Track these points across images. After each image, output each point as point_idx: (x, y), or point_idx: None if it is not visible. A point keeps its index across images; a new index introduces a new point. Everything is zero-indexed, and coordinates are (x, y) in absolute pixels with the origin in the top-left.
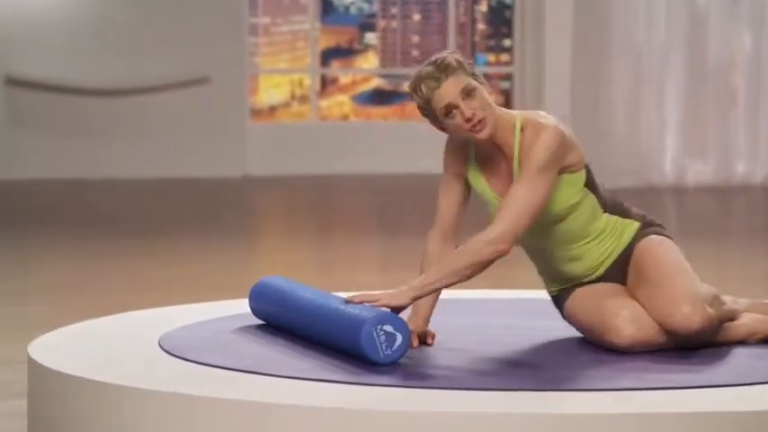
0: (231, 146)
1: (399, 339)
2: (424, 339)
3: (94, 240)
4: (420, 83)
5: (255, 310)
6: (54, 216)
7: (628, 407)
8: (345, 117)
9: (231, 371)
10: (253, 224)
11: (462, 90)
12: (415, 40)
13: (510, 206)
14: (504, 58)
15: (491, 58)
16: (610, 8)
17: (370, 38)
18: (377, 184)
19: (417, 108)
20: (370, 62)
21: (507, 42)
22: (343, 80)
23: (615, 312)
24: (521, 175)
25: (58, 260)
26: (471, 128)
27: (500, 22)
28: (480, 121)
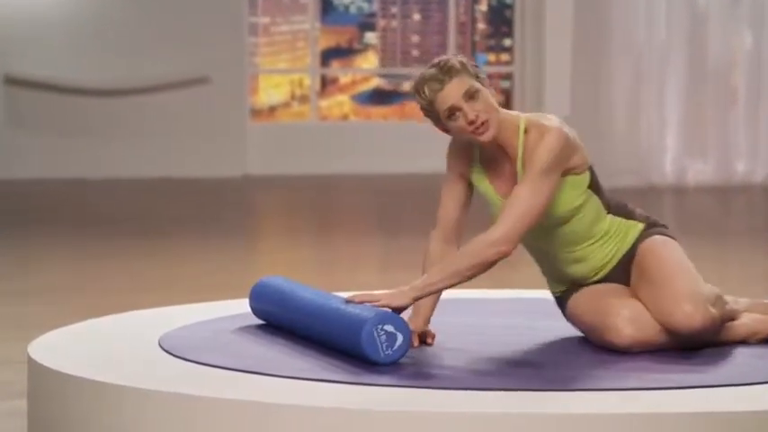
0: (231, 146)
1: (400, 339)
2: (424, 339)
3: (94, 240)
4: (423, 85)
5: (256, 310)
6: (54, 216)
7: (629, 407)
8: (345, 117)
9: (231, 371)
10: (253, 224)
11: (465, 92)
12: (415, 39)
13: (513, 208)
14: (505, 57)
15: (491, 57)
16: (610, 7)
17: (370, 37)
18: (377, 183)
19: (420, 110)
20: (369, 62)
21: (507, 42)
22: (343, 80)
23: (615, 312)
24: (524, 176)
25: (58, 260)
26: (474, 130)
27: (500, 21)
28: (483, 123)
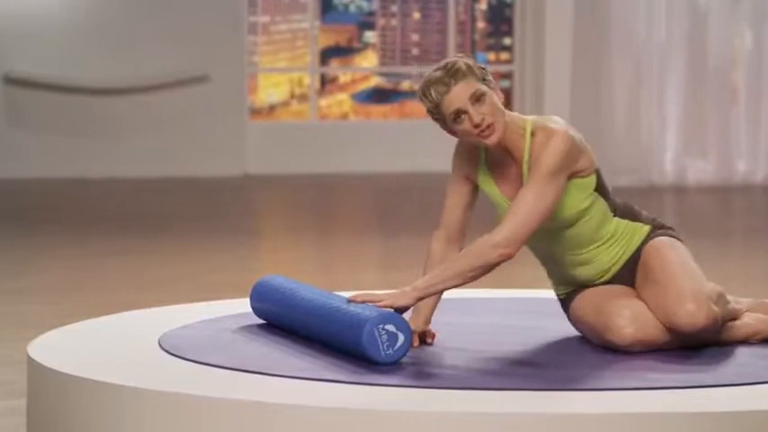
0: (231, 145)
1: (401, 339)
2: (424, 339)
3: (94, 239)
4: (429, 87)
5: (256, 310)
6: (54, 215)
7: (630, 407)
8: (345, 116)
9: (232, 370)
10: (253, 223)
11: (472, 95)
12: (415, 38)
13: (517, 210)
14: (505, 56)
15: (491, 56)
16: (610, 6)
17: (370, 36)
18: (377, 182)
19: (427, 112)
20: (369, 61)
21: (507, 41)
22: (343, 79)
23: (617, 312)
24: (530, 179)
25: (58, 259)
26: (480, 133)
27: (500, 20)
28: (489, 126)
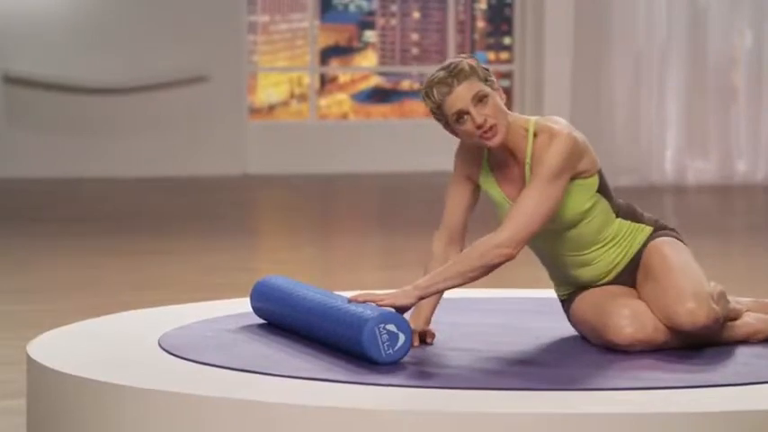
0: (230, 144)
1: (402, 339)
2: (423, 338)
3: (93, 239)
4: (432, 88)
5: (257, 310)
6: (53, 214)
7: (630, 406)
8: (345, 115)
9: (232, 370)
10: (252, 223)
11: (474, 96)
12: (415, 37)
13: (519, 211)
14: (504, 56)
15: (491, 56)
16: (610, 6)
17: (370, 36)
18: (377, 182)
19: (430, 112)
20: (369, 60)
21: (507, 40)
22: (343, 78)
23: (616, 312)
24: (532, 180)
25: (57, 259)
26: (482, 134)
27: (500, 19)
28: (491, 128)
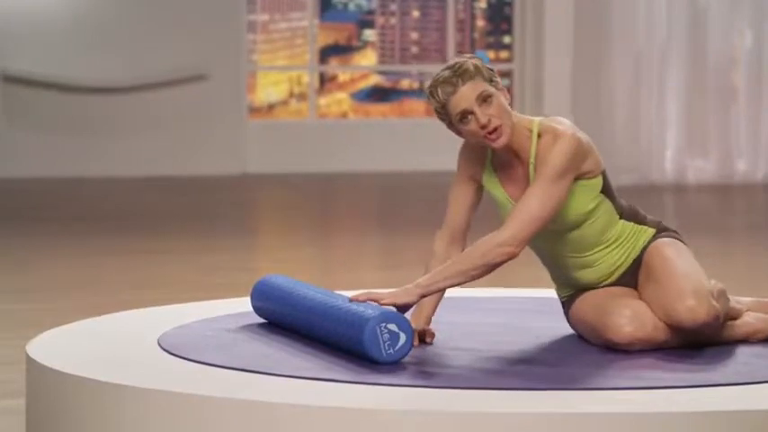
0: (230, 143)
1: (402, 339)
2: (423, 338)
3: (92, 239)
4: (437, 87)
5: (257, 309)
6: (53, 214)
7: (629, 406)
8: (344, 114)
9: (232, 370)
10: (253, 222)
11: (479, 96)
12: (414, 36)
13: (522, 210)
14: (504, 55)
15: (490, 55)
16: (610, 5)
17: (369, 35)
18: (376, 181)
19: (434, 112)
20: (368, 59)
21: (507, 39)
22: (342, 77)
23: (616, 311)
24: (536, 179)
25: (57, 259)
26: (487, 135)
27: (500, 18)
28: (496, 129)
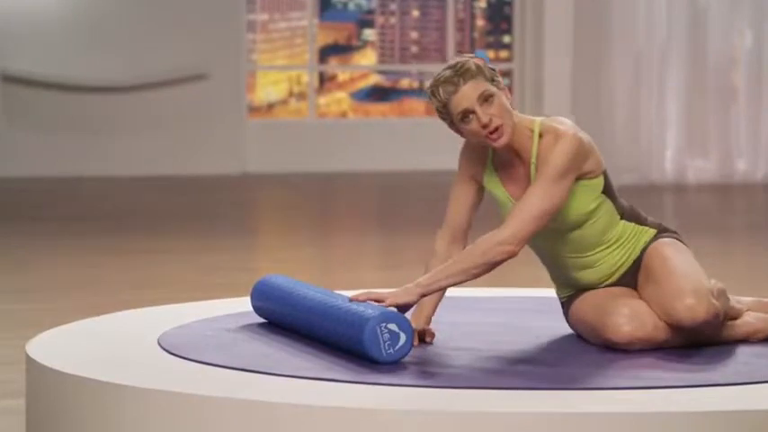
0: (229, 143)
1: (403, 339)
2: (423, 338)
3: (92, 238)
4: (438, 86)
5: (257, 309)
6: (52, 214)
7: (629, 406)
8: (344, 114)
9: (232, 370)
10: (252, 222)
11: (480, 96)
12: (414, 36)
13: (522, 208)
14: (504, 54)
15: (490, 54)
16: (610, 5)
17: (369, 34)
18: (376, 180)
19: (435, 111)
20: (368, 59)
21: (507, 39)
22: (342, 77)
23: (616, 311)
24: (537, 178)
25: (57, 258)
26: (488, 134)
27: (499, 18)
28: (497, 128)
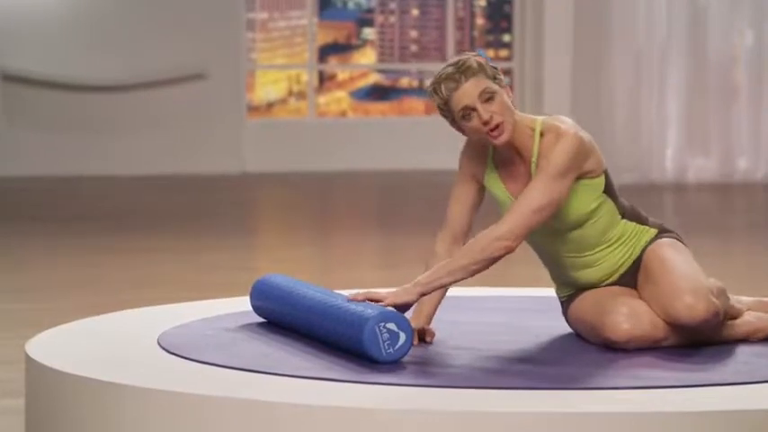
0: (229, 142)
1: (402, 338)
2: (423, 337)
3: (92, 237)
4: (440, 83)
5: (256, 308)
6: (52, 213)
7: (629, 406)
8: (343, 113)
9: (231, 369)
10: (252, 221)
11: (481, 93)
12: (414, 35)
13: (521, 204)
14: (504, 53)
15: (490, 53)
16: (610, 3)
17: (368, 33)
18: (376, 180)
19: (437, 108)
20: (368, 58)
21: (506, 38)
22: (341, 76)
23: (614, 309)
24: (536, 175)
25: (57, 257)
26: (489, 132)
27: (499, 16)
28: (498, 126)
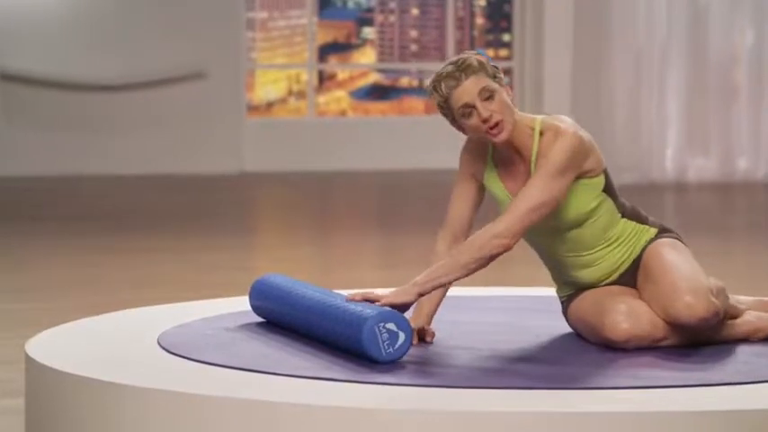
0: (228, 142)
1: (402, 338)
2: (423, 337)
3: (92, 237)
4: (440, 81)
5: (256, 308)
6: (52, 213)
7: (629, 406)
8: (343, 113)
9: (231, 369)
10: (251, 221)
11: (481, 91)
12: (414, 34)
13: (519, 202)
14: (504, 53)
15: (490, 53)
16: (610, 3)
17: (368, 32)
18: (375, 179)
19: (437, 107)
20: (367, 57)
21: (506, 37)
22: (341, 75)
23: (614, 308)
24: (535, 174)
25: (56, 257)
26: (488, 130)
27: (499, 16)
28: (497, 124)
